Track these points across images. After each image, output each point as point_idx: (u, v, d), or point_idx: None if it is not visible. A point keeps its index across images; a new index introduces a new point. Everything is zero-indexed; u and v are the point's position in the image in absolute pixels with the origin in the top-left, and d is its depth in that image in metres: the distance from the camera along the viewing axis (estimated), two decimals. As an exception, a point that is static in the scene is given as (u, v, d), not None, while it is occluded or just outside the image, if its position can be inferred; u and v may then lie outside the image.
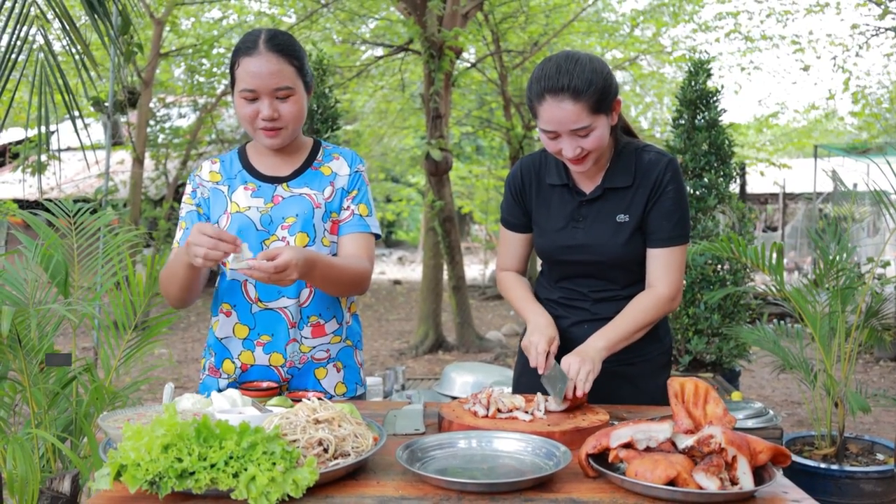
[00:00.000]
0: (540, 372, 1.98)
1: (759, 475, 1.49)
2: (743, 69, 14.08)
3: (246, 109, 2.05)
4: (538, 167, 2.24)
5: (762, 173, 14.22)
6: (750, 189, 16.45)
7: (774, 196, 19.34)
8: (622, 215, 2.14)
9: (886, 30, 11.30)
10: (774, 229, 20.17)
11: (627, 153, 2.16)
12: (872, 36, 11.60)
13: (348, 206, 2.19)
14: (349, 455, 1.46)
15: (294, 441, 1.43)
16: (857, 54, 12.93)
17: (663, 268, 2.14)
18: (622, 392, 2.24)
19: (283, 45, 2.06)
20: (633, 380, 2.25)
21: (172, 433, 1.29)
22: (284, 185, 2.16)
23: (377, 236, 2.23)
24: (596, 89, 1.94)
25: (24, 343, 1.89)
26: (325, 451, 1.44)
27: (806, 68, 13.76)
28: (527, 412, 1.85)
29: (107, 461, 1.31)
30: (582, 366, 1.93)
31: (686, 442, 1.52)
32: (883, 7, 11.12)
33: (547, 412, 1.88)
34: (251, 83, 2.02)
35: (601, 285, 2.23)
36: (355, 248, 2.16)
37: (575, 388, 1.90)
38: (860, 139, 15.45)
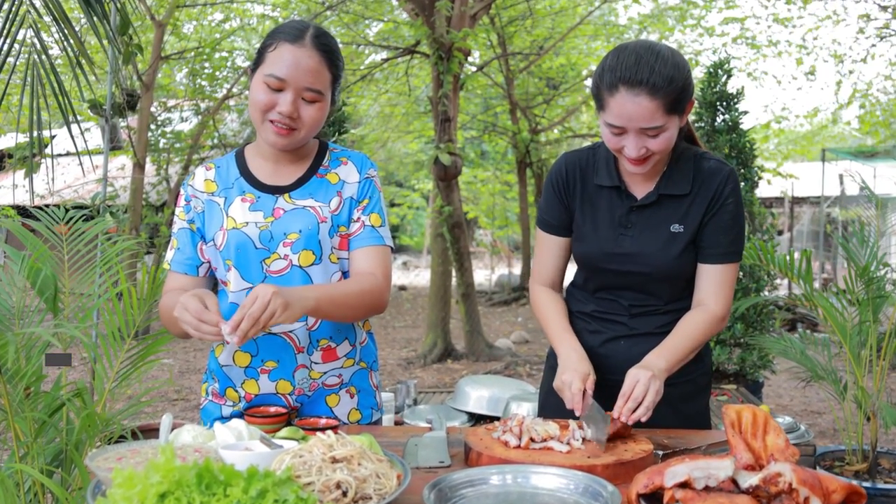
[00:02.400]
0: (577, 414, 1.80)
1: (834, 518, 1.31)
2: (749, 74, 13.93)
3: (263, 96, 1.84)
4: (584, 165, 2.05)
5: (769, 182, 14.10)
6: (757, 193, 16.35)
7: (780, 200, 19.22)
8: (677, 225, 1.96)
9: (893, 34, 11.18)
10: (780, 233, 20.05)
11: (686, 159, 1.99)
12: (879, 41, 11.50)
13: (358, 218, 1.98)
14: (371, 499, 1.28)
15: (309, 484, 1.25)
16: (862, 60, 12.83)
17: (717, 285, 1.97)
18: (659, 415, 2.07)
19: (331, 48, 1.89)
20: (672, 402, 2.07)
21: (170, 480, 1.11)
22: (286, 195, 1.95)
23: (392, 248, 2.04)
24: (676, 87, 1.78)
25: (6, 367, 1.71)
26: (344, 494, 1.26)
27: (812, 71, 13.64)
28: (562, 441, 1.67)
29: (94, 510, 1.13)
30: (651, 383, 1.76)
31: (750, 480, 1.35)
32: (892, 11, 11.00)
33: (584, 441, 1.70)
34: (284, 72, 1.82)
35: (642, 299, 2.04)
36: (368, 264, 1.96)
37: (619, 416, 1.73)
38: (866, 144, 15.34)
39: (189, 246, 1.98)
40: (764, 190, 16.21)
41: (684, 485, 1.35)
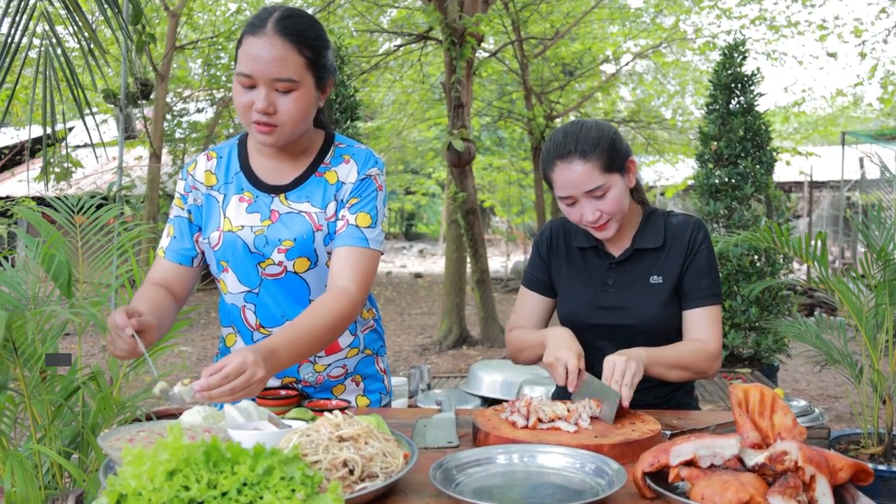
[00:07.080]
0: (571, 391, 1.81)
1: (840, 496, 1.31)
2: (769, 56, 13.76)
3: (241, 97, 1.75)
4: (566, 231, 2.18)
5: (788, 163, 13.96)
6: (775, 177, 16.20)
7: (799, 184, 19.05)
8: (656, 277, 2.05)
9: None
10: (798, 217, 19.89)
11: (656, 217, 2.12)
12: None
13: (343, 216, 1.86)
14: (377, 477, 1.30)
15: (316, 462, 1.27)
16: (884, 40, 12.65)
17: (705, 325, 2.03)
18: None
19: (296, 29, 1.74)
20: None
21: (178, 458, 1.13)
22: (282, 196, 1.87)
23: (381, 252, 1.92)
24: (603, 147, 1.93)
25: (23, 350, 1.74)
26: (351, 472, 1.28)
27: (832, 55, 13.48)
28: (570, 421, 1.68)
29: (105, 487, 1.15)
30: (627, 365, 1.77)
31: (756, 459, 1.35)
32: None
33: (592, 420, 1.71)
34: (249, 67, 1.72)
35: None
36: (344, 269, 1.82)
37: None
38: (888, 125, 15.14)
39: (187, 236, 1.93)
40: (783, 173, 16.12)
41: (690, 463, 1.36)
